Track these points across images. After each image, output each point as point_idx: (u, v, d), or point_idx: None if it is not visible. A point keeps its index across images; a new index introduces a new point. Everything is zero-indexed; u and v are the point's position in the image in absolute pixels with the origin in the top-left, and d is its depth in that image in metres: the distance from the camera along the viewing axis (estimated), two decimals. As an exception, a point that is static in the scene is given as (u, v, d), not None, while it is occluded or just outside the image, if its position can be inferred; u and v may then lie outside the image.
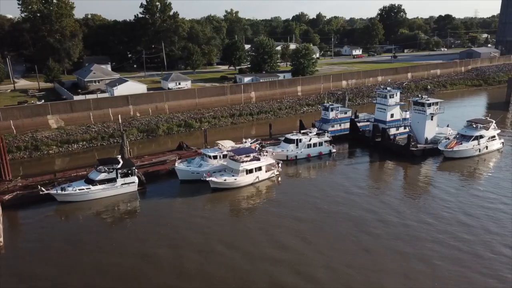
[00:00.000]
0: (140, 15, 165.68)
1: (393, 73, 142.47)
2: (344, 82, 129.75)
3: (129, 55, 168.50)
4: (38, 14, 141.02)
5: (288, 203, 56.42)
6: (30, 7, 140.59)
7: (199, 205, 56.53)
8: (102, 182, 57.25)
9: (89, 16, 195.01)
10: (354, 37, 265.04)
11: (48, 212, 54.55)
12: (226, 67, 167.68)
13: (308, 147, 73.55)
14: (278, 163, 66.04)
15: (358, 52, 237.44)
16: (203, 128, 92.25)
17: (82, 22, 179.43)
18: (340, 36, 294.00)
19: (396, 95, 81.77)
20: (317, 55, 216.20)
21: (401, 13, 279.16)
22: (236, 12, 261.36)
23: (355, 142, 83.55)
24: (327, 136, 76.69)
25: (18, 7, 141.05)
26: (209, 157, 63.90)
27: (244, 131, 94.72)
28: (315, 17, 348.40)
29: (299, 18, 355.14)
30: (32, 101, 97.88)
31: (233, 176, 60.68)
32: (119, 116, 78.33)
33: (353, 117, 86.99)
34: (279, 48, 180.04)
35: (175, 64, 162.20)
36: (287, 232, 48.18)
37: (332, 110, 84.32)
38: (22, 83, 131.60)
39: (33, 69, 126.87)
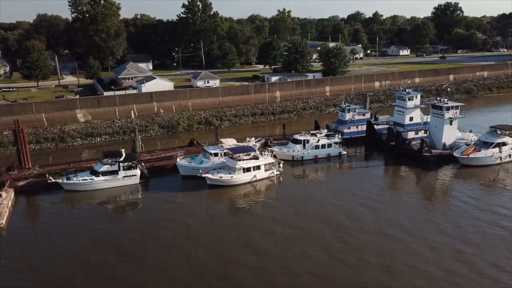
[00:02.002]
0: (182, 15, 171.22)
1: (433, 75, 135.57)
2: (377, 83, 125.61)
3: (173, 54, 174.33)
4: (87, 15, 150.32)
5: (284, 202, 56.53)
6: (79, 8, 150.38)
7: (195, 201, 58.06)
8: (104, 173, 60.49)
9: (138, 16, 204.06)
10: (404, 37, 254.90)
11: (55, 199, 58.54)
12: (263, 66, 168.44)
13: (315, 148, 72.50)
14: (279, 163, 65.87)
15: (406, 52, 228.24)
16: (222, 126, 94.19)
17: (131, 22, 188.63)
18: (391, 36, 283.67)
19: (416, 98, 78.34)
20: (361, 55, 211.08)
21: (458, 11, 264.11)
22: (288, 12, 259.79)
23: (371, 145, 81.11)
24: (338, 138, 75.11)
25: (69, 8, 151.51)
26: (211, 154, 65.20)
27: (263, 130, 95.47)
28: (371, 16, 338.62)
29: (355, 17, 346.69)
30: (69, 96, 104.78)
31: (229, 173, 61.51)
32: (132, 112, 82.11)
33: (372, 119, 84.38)
34: (319, 48, 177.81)
35: (214, 63, 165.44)
36: (281, 231, 48.26)
37: (348, 111, 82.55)
38: (68, 79, 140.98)
39: (82, 66, 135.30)
